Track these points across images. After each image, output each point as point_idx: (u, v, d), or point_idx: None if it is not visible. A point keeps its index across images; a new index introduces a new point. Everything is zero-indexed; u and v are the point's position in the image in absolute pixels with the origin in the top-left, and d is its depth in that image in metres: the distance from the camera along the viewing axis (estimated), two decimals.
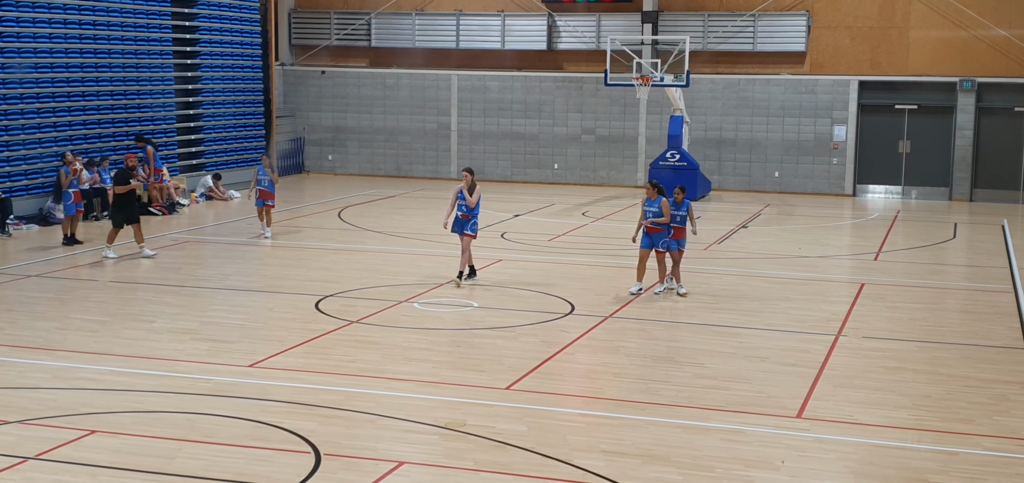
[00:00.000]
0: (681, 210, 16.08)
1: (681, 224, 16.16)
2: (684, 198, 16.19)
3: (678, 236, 16.17)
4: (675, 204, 16.04)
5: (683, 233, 16.20)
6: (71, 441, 9.70)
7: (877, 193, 30.00)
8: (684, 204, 16.14)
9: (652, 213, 16.11)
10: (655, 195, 16.25)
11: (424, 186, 30.86)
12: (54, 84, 23.73)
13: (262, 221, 21.14)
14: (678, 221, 16.09)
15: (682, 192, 16.19)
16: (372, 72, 33.03)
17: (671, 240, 16.11)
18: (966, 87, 28.78)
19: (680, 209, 16.07)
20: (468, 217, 16.54)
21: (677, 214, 16.04)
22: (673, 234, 16.09)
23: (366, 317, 14.71)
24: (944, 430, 10.51)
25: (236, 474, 8.99)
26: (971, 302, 16.81)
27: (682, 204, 16.10)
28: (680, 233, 16.19)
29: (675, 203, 16.04)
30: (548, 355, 12.86)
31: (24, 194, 22.64)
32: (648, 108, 30.62)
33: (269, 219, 21.11)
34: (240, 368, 12.19)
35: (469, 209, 16.51)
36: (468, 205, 16.50)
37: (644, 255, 16.30)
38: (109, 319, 14.56)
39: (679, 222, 16.11)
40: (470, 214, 16.54)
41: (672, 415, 10.79)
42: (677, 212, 16.04)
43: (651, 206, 16.17)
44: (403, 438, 10.01)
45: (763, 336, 14.10)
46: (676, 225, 16.08)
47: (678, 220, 16.09)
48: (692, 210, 16.32)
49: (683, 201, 16.14)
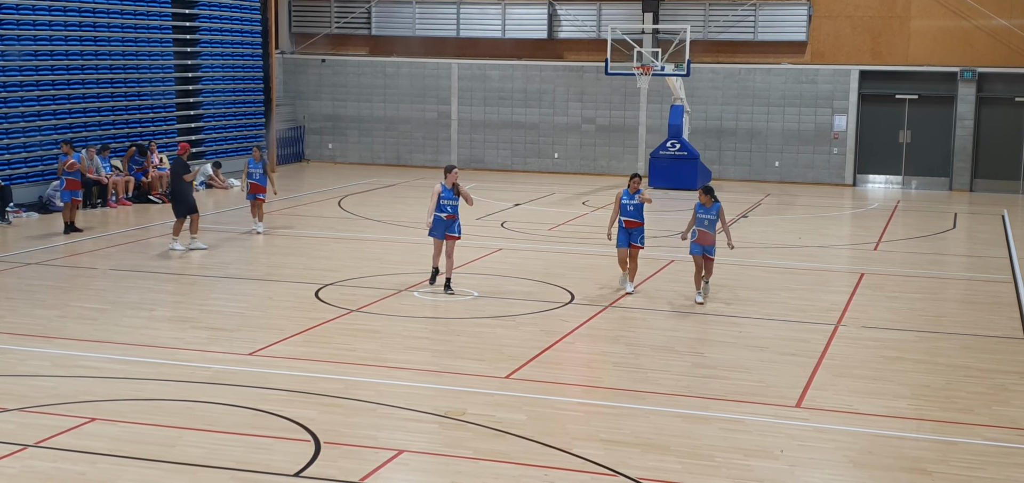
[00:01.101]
0: (711, 213, 14.83)
1: (709, 229, 14.90)
2: (713, 201, 14.87)
3: (705, 241, 14.92)
4: (702, 207, 14.83)
5: (711, 239, 14.96)
6: (71, 429, 9.71)
7: (877, 183, 30.00)
8: (714, 207, 14.86)
9: (634, 206, 15.41)
10: (635, 188, 15.51)
11: (424, 175, 30.84)
12: (54, 72, 23.70)
13: (254, 216, 20.42)
14: (706, 225, 14.86)
15: (709, 195, 14.88)
16: (372, 60, 32.99)
17: (696, 244, 14.92)
18: (967, 77, 28.76)
19: (709, 212, 14.82)
20: (454, 218, 15.36)
21: (705, 218, 14.84)
22: (697, 238, 14.92)
23: (366, 306, 14.72)
24: (943, 420, 10.52)
25: (236, 462, 9.01)
26: (971, 292, 16.81)
27: (711, 207, 14.83)
28: (707, 239, 14.92)
29: (702, 206, 14.82)
30: (548, 344, 12.87)
31: (24, 182, 22.63)
32: (649, 97, 30.59)
33: (261, 213, 20.44)
34: (240, 356, 12.19)
35: (455, 209, 15.37)
36: (454, 205, 15.36)
37: (623, 254, 15.57)
38: (109, 307, 14.56)
39: (707, 226, 14.87)
40: (455, 214, 15.39)
41: (672, 404, 10.80)
42: (706, 215, 14.83)
43: (631, 199, 15.44)
44: (403, 427, 10.03)
45: (763, 326, 14.11)
46: (702, 229, 14.90)
47: (706, 224, 14.86)
48: (724, 214, 15.13)
49: (712, 204, 14.84)
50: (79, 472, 8.77)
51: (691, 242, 15.04)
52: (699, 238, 14.95)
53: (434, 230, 15.36)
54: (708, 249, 15.01)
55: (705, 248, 14.96)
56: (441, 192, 15.30)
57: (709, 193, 14.91)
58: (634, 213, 15.45)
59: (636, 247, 15.55)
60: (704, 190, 14.97)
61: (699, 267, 15.04)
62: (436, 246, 15.47)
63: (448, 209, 15.32)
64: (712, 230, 14.89)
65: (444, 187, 15.32)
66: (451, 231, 15.37)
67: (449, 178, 15.34)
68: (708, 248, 14.99)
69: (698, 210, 14.94)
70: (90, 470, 8.82)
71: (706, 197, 14.88)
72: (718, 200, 15.02)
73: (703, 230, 14.89)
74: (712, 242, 15.02)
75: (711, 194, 14.90)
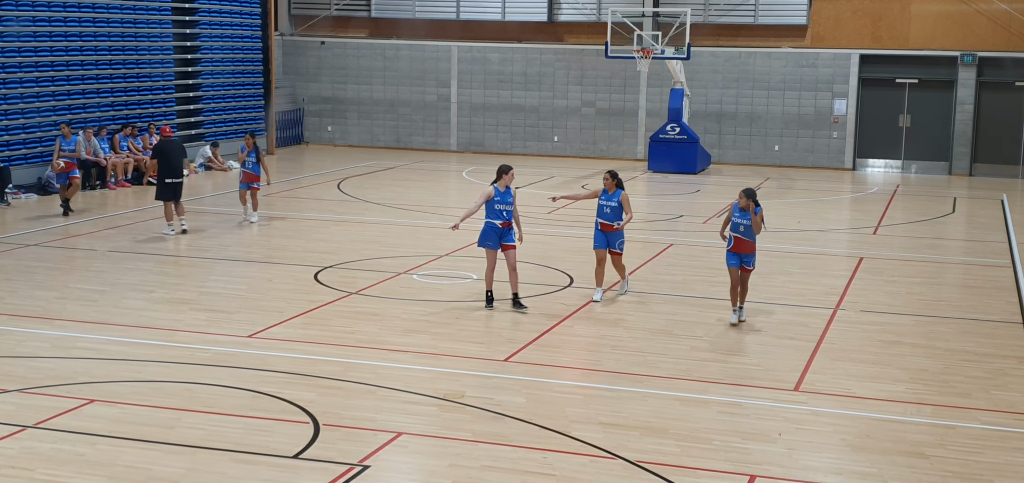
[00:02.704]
0: (747, 218, 13.03)
1: (747, 236, 13.11)
2: (754, 205, 13.00)
3: (742, 249, 13.09)
4: (739, 211, 13.04)
5: (750, 248, 13.11)
6: (70, 410, 9.72)
7: (877, 167, 29.98)
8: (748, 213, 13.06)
9: (610, 208, 14.07)
10: (613, 187, 14.12)
11: (423, 158, 30.83)
12: (53, 53, 23.65)
13: (245, 205, 19.60)
14: (742, 231, 13.06)
15: (749, 199, 13.00)
16: (372, 42, 32.92)
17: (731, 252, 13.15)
18: (967, 61, 28.71)
19: (745, 217, 13.02)
20: (510, 225, 13.56)
21: (740, 223, 13.03)
22: (733, 245, 13.11)
23: (365, 288, 14.72)
24: (941, 404, 10.54)
25: (235, 444, 9.02)
26: (969, 277, 16.82)
27: (747, 212, 13.04)
28: (744, 247, 13.09)
29: (739, 210, 13.04)
30: (547, 327, 12.88)
31: (23, 163, 22.61)
32: (649, 81, 30.55)
33: (255, 202, 19.59)
34: (239, 338, 12.21)
35: (511, 215, 13.56)
36: (511, 210, 13.55)
37: (601, 256, 14.23)
38: (108, 289, 14.56)
39: (743, 232, 13.07)
40: (511, 222, 13.57)
41: (670, 388, 10.82)
42: (741, 220, 13.03)
43: (609, 200, 14.12)
44: (402, 409, 10.04)
45: (761, 309, 14.11)
46: (737, 235, 13.08)
47: (742, 230, 13.05)
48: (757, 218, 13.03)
49: (747, 209, 13.02)
50: (78, 453, 8.79)
51: (727, 252, 13.26)
52: (735, 246, 13.11)
53: (486, 240, 13.52)
54: (746, 259, 13.13)
55: (742, 258, 13.11)
56: (494, 195, 13.47)
57: (750, 196, 13.00)
58: (611, 216, 14.07)
59: (616, 253, 14.20)
60: (745, 193, 13.05)
61: (735, 282, 13.18)
62: (489, 260, 13.63)
63: (503, 215, 13.49)
64: (750, 237, 13.10)
65: (497, 190, 13.47)
66: (508, 240, 13.57)
67: (504, 180, 13.51)
68: (746, 258, 13.12)
69: (735, 214, 13.16)
70: (89, 451, 8.83)
71: (746, 201, 12.98)
72: (759, 204, 13.27)
73: (740, 237, 13.08)
74: (751, 251, 13.14)
75: (752, 198, 12.98)
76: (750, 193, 13.04)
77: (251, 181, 19.49)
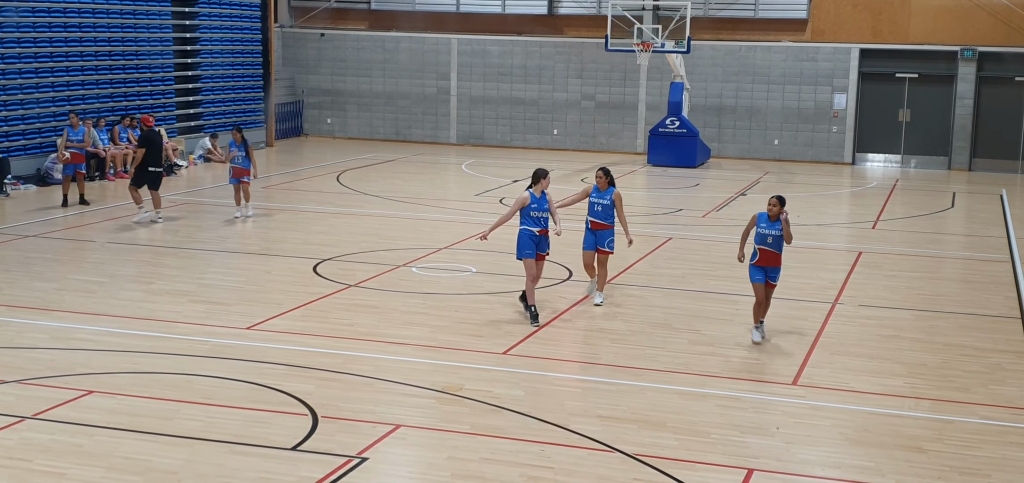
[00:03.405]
0: (775, 229, 11.89)
1: (775, 248, 11.93)
2: (781, 212, 11.87)
3: (768, 261, 11.96)
4: (767, 221, 11.92)
5: (777, 260, 12.00)
6: (68, 401, 9.73)
7: (876, 162, 29.97)
8: (778, 221, 11.91)
9: (601, 207, 13.44)
10: (606, 185, 13.49)
11: (423, 150, 30.81)
12: (52, 44, 23.63)
13: (238, 201, 19.14)
14: (770, 243, 11.88)
15: (780, 205, 11.87)
16: (371, 35, 32.89)
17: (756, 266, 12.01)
18: (967, 56, 28.70)
19: (773, 227, 11.89)
20: (547, 233, 12.83)
21: (769, 233, 11.87)
22: (758, 259, 11.95)
23: (364, 281, 14.72)
24: (939, 398, 10.55)
25: (233, 435, 9.03)
26: (968, 271, 16.83)
27: (777, 221, 11.89)
28: (771, 259, 11.96)
29: (767, 219, 11.92)
30: (545, 320, 12.88)
31: (22, 154, 22.59)
32: (648, 74, 30.53)
33: (247, 196, 19.18)
34: (238, 330, 12.21)
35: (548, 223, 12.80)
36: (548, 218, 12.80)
37: (588, 257, 13.67)
38: (107, 280, 14.56)
39: (771, 244, 11.89)
40: (548, 229, 12.83)
41: (668, 381, 10.82)
42: (771, 231, 11.88)
43: (601, 198, 13.47)
44: (400, 401, 10.05)
45: None
46: (764, 247, 11.92)
47: (770, 242, 11.88)
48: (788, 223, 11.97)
49: (778, 217, 11.86)
50: (76, 444, 8.79)
51: (750, 266, 12.08)
52: (761, 259, 11.95)
53: (524, 249, 12.69)
54: (772, 273, 12.02)
55: (769, 272, 11.99)
56: (530, 201, 12.66)
57: (782, 203, 11.88)
58: (602, 214, 13.48)
59: (605, 252, 13.49)
60: (778, 199, 11.89)
61: (760, 299, 12.06)
62: (528, 272, 12.72)
63: (541, 222, 12.69)
64: (778, 249, 11.97)
65: (533, 195, 12.67)
66: (544, 249, 12.85)
67: (542, 184, 12.72)
68: (772, 272, 12.01)
69: (761, 224, 11.94)
70: (87, 442, 8.84)
71: (776, 208, 11.82)
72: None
73: (767, 249, 11.91)
74: (779, 264, 12.07)
75: (783, 204, 11.89)
76: (781, 199, 11.89)
77: (240, 176, 19.13)
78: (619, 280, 15.08)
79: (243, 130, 19.29)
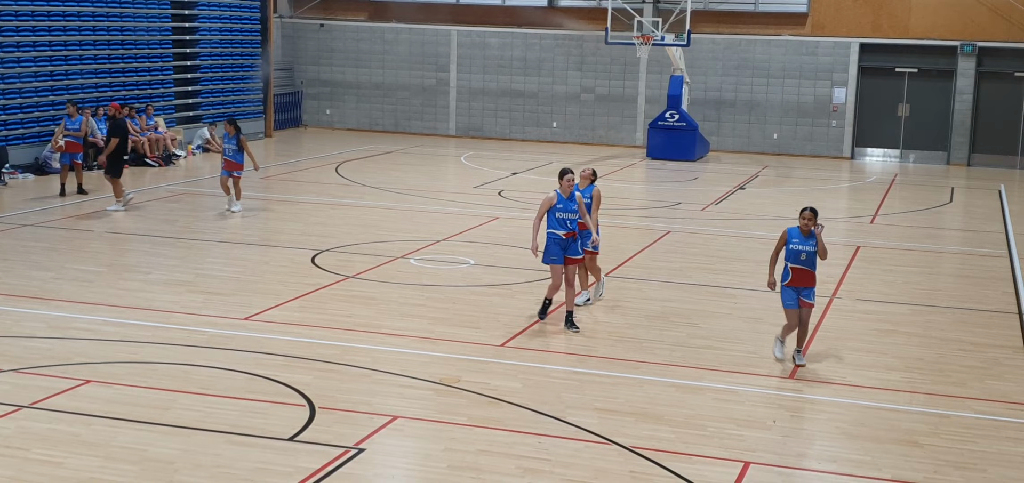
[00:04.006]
0: (808, 244, 10.80)
1: (809, 266, 10.86)
2: (815, 224, 10.85)
3: (803, 281, 10.87)
4: (799, 236, 10.80)
5: (812, 279, 10.91)
6: (66, 390, 9.73)
7: (875, 156, 29.97)
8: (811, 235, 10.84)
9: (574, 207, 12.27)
10: (582, 184, 12.70)
11: (422, 142, 30.80)
12: (51, 33, 23.60)
13: (228, 194, 18.63)
14: (803, 260, 10.81)
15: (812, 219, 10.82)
16: (371, 26, 32.85)
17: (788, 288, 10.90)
18: (967, 51, 28.69)
19: (806, 243, 10.80)
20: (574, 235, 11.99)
21: (803, 249, 10.79)
22: (791, 279, 10.86)
23: (362, 272, 14.72)
24: (935, 393, 10.56)
25: (231, 426, 9.04)
26: (966, 266, 16.84)
27: (810, 236, 10.82)
28: (806, 279, 10.87)
29: (799, 235, 10.82)
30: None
31: (20, 143, 22.57)
32: (648, 68, 30.51)
33: (238, 191, 18.64)
34: (235, 321, 12.21)
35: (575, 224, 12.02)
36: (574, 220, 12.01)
37: (557, 273, 12.33)
38: (105, 269, 14.56)
39: (804, 261, 10.82)
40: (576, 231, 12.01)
41: (665, 374, 10.83)
42: (804, 246, 10.80)
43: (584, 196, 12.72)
44: (398, 393, 10.05)
45: (757, 297, 14.12)
46: (797, 266, 10.83)
47: (804, 259, 10.80)
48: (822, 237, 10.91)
49: (811, 231, 10.81)
50: (74, 433, 8.80)
51: (782, 287, 10.95)
52: (794, 279, 10.85)
53: (550, 254, 11.91)
54: (806, 293, 10.91)
55: (803, 292, 10.89)
56: (556, 202, 11.90)
57: (815, 215, 10.85)
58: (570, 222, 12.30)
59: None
60: (811, 211, 10.84)
61: (794, 324, 10.96)
62: (555, 277, 12.02)
63: (567, 224, 11.88)
64: (812, 267, 10.88)
65: (559, 195, 11.92)
66: (573, 253, 11.99)
67: (564, 183, 11.90)
68: (806, 292, 10.91)
69: (792, 240, 10.84)
70: (85, 431, 8.84)
71: (810, 221, 10.79)
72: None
73: (800, 268, 10.83)
74: (813, 283, 10.95)
75: (816, 216, 10.87)
76: (816, 212, 10.88)
77: (232, 169, 18.51)
78: (617, 273, 15.09)
79: (237, 122, 18.86)
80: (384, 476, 8.29)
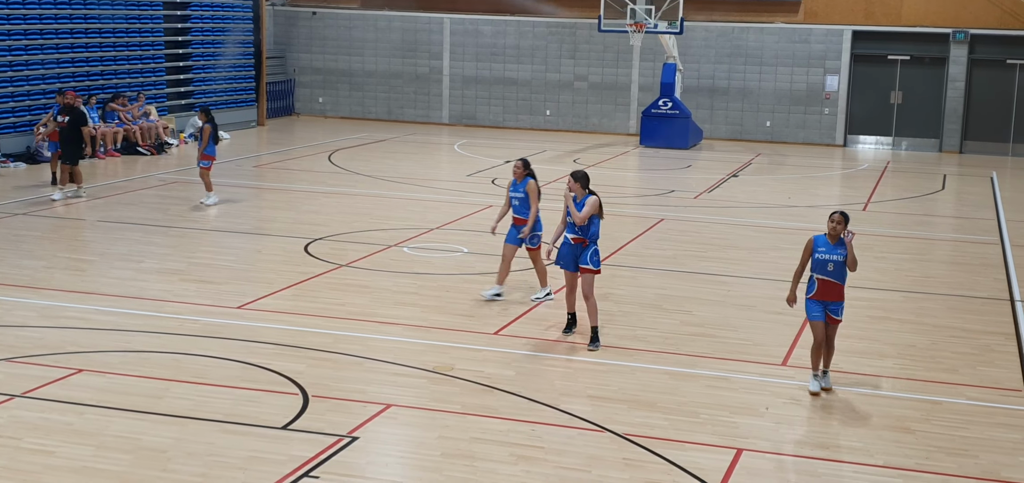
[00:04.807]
0: (839, 252, 9.76)
1: (838, 278, 9.81)
2: (844, 230, 9.79)
3: (830, 294, 9.84)
4: (826, 245, 9.79)
5: (839, 293, 9.86)
6: (58, 380, 9.71)
7: (868, 144, 30.00)
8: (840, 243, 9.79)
9: (517, 200, 12.53)
10: (522, 176, 12.47)
11: (415, 130, 30.76)
12: (42, 21, 23.51)
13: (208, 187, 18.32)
14: (830, 271, 9.76)
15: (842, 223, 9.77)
16: (363, 14, 32.77)
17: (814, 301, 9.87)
18: (959, 38, 28.71)
19: (834, 251, 9.76)
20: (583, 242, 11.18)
21: (830, 259, 9.75)
22: (816, 291, 9.82)
23: (355, 261, 14.71)
24: (928, 379, 10.59)
25: (224, 414, 9.03)
26: (958, 253, 16.87)
27: (839, 241, 9.78)
28: (832, 292, 9.84)
29: (826, 243, 9.80)
30: (536, 301, 12.87)
31: (11, 132, 22.50)
32: (641, 55, 30.48)
33: (207, 184, 18.27)
34: (228, 309, 12.19)
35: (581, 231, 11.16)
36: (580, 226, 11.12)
37: (509, 252, 12.65)
38: (97, 258, 14.53)
39: (832, 272, 9.77)
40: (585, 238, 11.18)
41: (658, 361, 10.84)
42: (832, 256, 9.75)
43: (515, 191, 12.54)
44: (391, 381, 10.05)
45: (750, 284, 14.15)
46: (824, 277, 9.79)
47: (831, 270, 9.76)
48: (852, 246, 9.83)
49: (839, 237, 9.77)
50: (66, 422, 8.79)
51: (807, 301, 9.95)
52: (819, 292, 9.83)
53: (563, 258, 11.36)
54: (834, 307, 9.90)
55: (830, 306, 9.88)
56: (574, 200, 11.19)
57: (846, 220, 9.83)
58: (520, 208, 12.55)
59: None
60: (841, 215, 9.81)
61: (820, 339, 9.90)
62: (568, 282, 11.42)
63: (577, 229, 11.20)
64: (841, 279, 9.86)
65: (574, 198, 11.17)
66: (585, 261, 11.14)
67: (573, 186, 11.17)
68: (834, 306, 9.89)
69: (819, 248, 9.82)
70: (77, 421, 8.83)
71: (839, 226, 9.75)
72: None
73: (827, 279, 9.82)
74: (841, 296, 9.92)
75: (846, 222, 9.82)
76: (846, 216, 9.84)
77: (201, 159, 18.29)
78: (611, 261, 15.09)
79: (208, 111, 18.31)
80: (377, 464, 8.29)
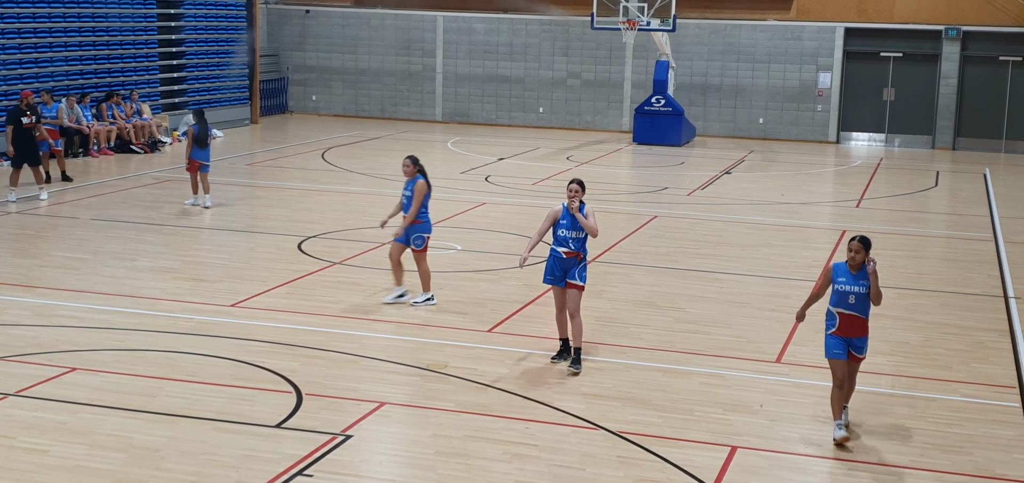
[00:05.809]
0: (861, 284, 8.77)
1: (859, 311, 8.81)
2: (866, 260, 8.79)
3: (853, 330, 8.83)
4: (847, 274, 8.81)
5: (863, 328, 8.86)
6: (51, 378, 9.69)
7: (860, 140, 30.05)
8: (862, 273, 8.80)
9: (405, 197, 12.12)
10: (412, 174, 12.07)
11: (408, 128, 30.73)
12: (35, 19, 23.44)
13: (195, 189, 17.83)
14: (852, 304, 8.79)
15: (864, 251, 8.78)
16: (357, 12, 32.73)
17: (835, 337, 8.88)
18: (951, 35, 28.76)
19: (857, 283, 8.77)
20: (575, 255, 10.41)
21: (852, 291, 8.78)
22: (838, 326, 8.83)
23: (349, 259, 14.70)
24: (921, 376, 10.61)
25: (217, 413, 9.02)
26: (951, 250, 16.91)
27: (861, 271, 8.80)
28: (856, 327, 8.83)
29: (847, 273, 8.81)
30: (530, 298, 12.89)
31: (2, 130, 22.41)
32: (634, 53, 30.49)
33: (202, 185, 17.80)
34: (222, 307, 12.18)
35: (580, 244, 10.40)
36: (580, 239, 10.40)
37: (396, 250, 12.26)
38: (90, 257, 14.50)
39: (854, 305, 8.79)
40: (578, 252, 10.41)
41: (652, 359, 10.85)
42: (853, 287, 8.78)
43: (405, 190, 12.15)
44: (385, 379, 10.05)
45: (744, 282, 14.16)
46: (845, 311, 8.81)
47: (852, 302, 8.79)
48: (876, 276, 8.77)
49: (862, 266, 8.79)
50: (60, 421, 8.77)
51: (827, 337, 8.95)
52: (842, 327, 8.84)
53: (550, 273, 10.52)
54: (857, 345, 8.90)
55: (852, 343, 8.88)
56: (560, 217, 10.43)
57: (866, 247, 8.81)
58: (408, 206, 12.15)
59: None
60: (862, 242, 8.81)
61: (841, 378, 8.87)
62: (556, 299, 10.57)
63: (569, 243, 10.37)
64: (865, 312, 8.87)
65: (564, 209, 10.40)
66: (574, 277, 10.40)
67: (569, 196, 10.35)
68: (858, 343, 8.90)
69: (839, 278, 8.87)
70: (71, 419, 8.81)
71: (859, 254, 8.77)
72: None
73: (849, 313, 8.83)
74: (865, 332, 8.91)
75: (867, 249, 8.82)
76: (866, 243, 8.83)
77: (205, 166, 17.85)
78: (604, 258, 15.10)
79: (201, 111, 18.03)
80: (371, 462, 8.29)
